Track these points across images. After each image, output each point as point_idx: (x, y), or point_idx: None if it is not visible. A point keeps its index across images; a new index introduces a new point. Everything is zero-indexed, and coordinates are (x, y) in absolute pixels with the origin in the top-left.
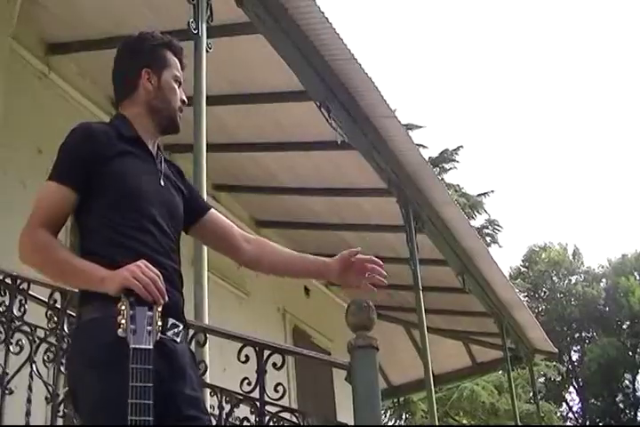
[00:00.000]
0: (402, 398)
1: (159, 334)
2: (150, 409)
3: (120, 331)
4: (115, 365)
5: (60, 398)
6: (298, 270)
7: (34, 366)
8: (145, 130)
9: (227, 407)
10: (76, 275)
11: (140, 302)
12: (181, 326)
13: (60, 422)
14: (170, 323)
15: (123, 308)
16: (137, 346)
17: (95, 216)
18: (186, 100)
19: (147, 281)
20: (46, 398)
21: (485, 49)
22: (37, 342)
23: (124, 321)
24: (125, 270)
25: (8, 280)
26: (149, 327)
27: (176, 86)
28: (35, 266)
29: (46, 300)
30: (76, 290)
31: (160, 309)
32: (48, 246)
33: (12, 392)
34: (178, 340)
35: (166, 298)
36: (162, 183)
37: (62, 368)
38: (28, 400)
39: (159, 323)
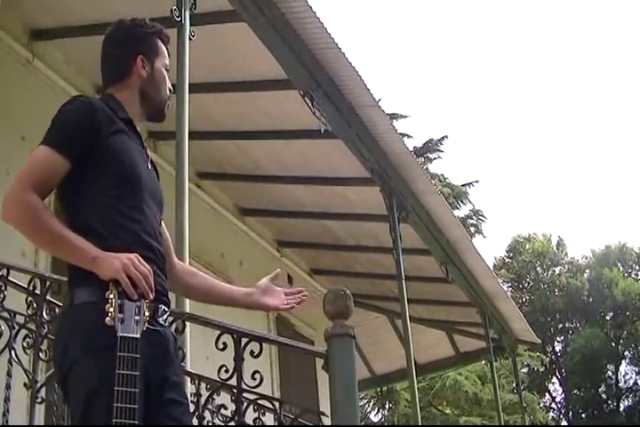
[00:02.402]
0: (385, 388)
1: (146, 324)
2: (136, 397)
3: (108, 319)
4: (113, 350)
5: (40, 384)
6: (222, 296)
7: (13, 352)
8: (133, 114)
9: (205, 395)
10: (69, 248)
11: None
12: (167, 312)
13: (39, 408)
14: (161, 309)
15: (111, 296)
16: (124, 334)
17: (94, 193)
18: (171, 88)
19: (138, 276)
20: (25, 385)
21: (471, 37)
22: (17, 328)
23: (112, 310)
24: (118, 261)
25: None
26: (137, 317)
27: (165, 75)
28: (21, 227)
29: (25, 286)
30: (56, 276)
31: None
32: (41, 212)
33: None
34: (165, 324)
35: (154, 294)
36: (148, 166)
37: (41, 355)
38: (7, 386)
39: (147, 313)
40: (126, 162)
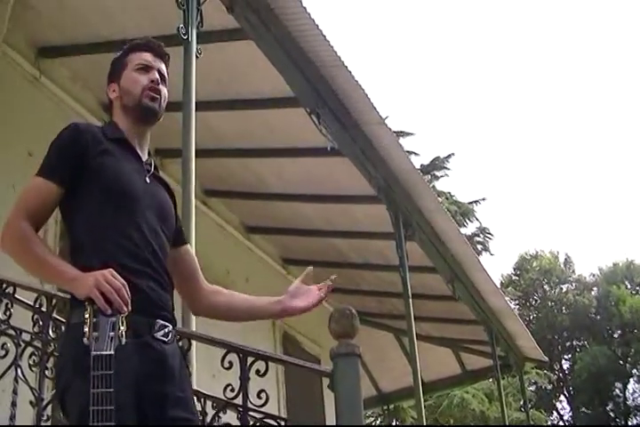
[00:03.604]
0: (392, 406)
1: (124, 339)
2: (112, 415)
3: (85, 339)
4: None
5: (45, 402)
6: (249, 309)
7: (19, 369)
8: (128, 130)
9: (211, 413)
10: (50, 271)
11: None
12: (170, 326)
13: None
14: (158, 324)
15: (86, 316)
16: (97, 353)
17: (84, 210)
18: (156, 78)
19: (109, 290)
20: (31, 402)
21: (477, 56)
22: (23, 345)
23: (86, 329)
24: (92, 278)
25: None
26: (112, 333)
27: (137, 74)
28: (13, 255)
29: (32, 304)
30: (62, 294)
31: (125, 314)
32: (29, 238)
33: None
34: (167, 340)
35: (129, 307)
36: (147, 180)
37: (47, 372)
38: (13, 404)
39: (122, 328)
40: (114, 179)
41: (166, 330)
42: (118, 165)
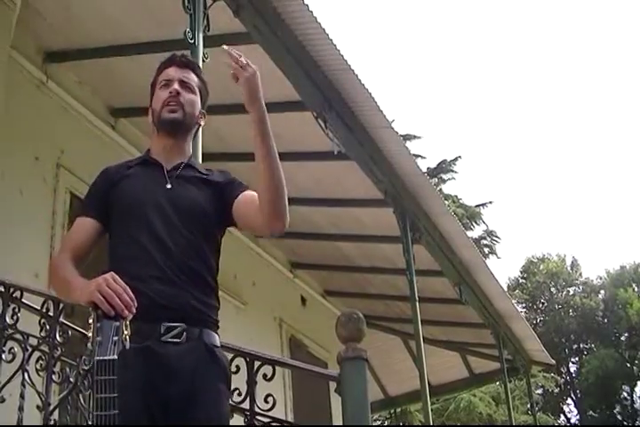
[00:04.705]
0: (399, 409)
1: (127, 343)
2: (115, 419)
3: (89, 345)
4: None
5: (52, 406)
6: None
7: (26, 374)
8: (158, 146)
9: None
10: (67, 288)
11: (107, 315)
12: (183, 326)
13: None
14: (165, 327)
15: (90, 321)
16: (101, 358)
17: (110, 239)
18: (174, 89)
19: (110, 294)
20: (38, 407)
21: (483, 59)
22: (30, 350)
23: (90, 334)
24: (94, 284)
25: (1, 288)
26: (115, 338)
27: (160, 91)
28: (51, 284)
29: (39, 308)
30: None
31: (129, 317)
32: (58, 266)
33: (3, 400)
34: (179, 340)
35: (133, 310)
36: (168, 186)
37: (54, 377)
38: (20, 409)
39: (125, 331)
40: (124, 196)
41: (176, 331)
42: (132, 184)
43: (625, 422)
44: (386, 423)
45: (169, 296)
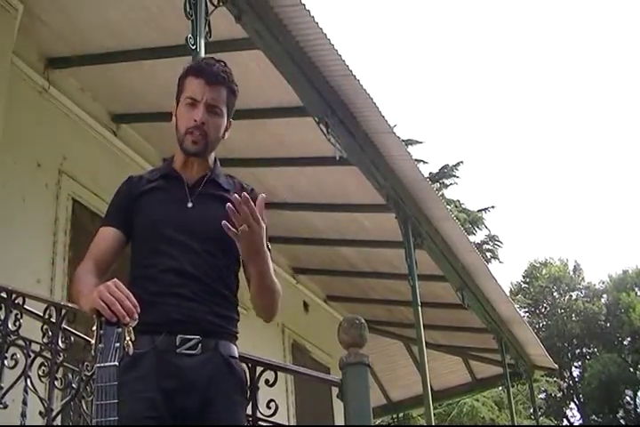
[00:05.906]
0: (401, 414)
1: (131, 349)
2: (115, 425)
3: (92, 352)
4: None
5: (55, 412)
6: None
7: (28, 380)
8: (180, 157)
9: None
10: (77, 297)
11: (109, 321)
12: (198, 338)
13: None
14: (179, 340)
15: (94, 329)
16: (102, 364)
17: (132, 253)
18: (199, 117)
19: (111, 300)
20: (40, 413)
21: (485, 65)
22: (32, 356)
23: (93, 341)
24: (96, 291)
25: (3, 294)
26: (117, 344)
27: (185, 110)
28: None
29: (41, 314)
30: (71, 305)
31: (132, 324)
32: (78, 276)
33: (6, 407)
34: (194, 352)
35: (135, 316)
36: (189, 205)
37: (56, 383)
38: (23, 415)
39: (127, 338)
40: (144, 215)
41: (192, 343)
42: (152, 201)
43: None
44: None
45: (186, 310)
